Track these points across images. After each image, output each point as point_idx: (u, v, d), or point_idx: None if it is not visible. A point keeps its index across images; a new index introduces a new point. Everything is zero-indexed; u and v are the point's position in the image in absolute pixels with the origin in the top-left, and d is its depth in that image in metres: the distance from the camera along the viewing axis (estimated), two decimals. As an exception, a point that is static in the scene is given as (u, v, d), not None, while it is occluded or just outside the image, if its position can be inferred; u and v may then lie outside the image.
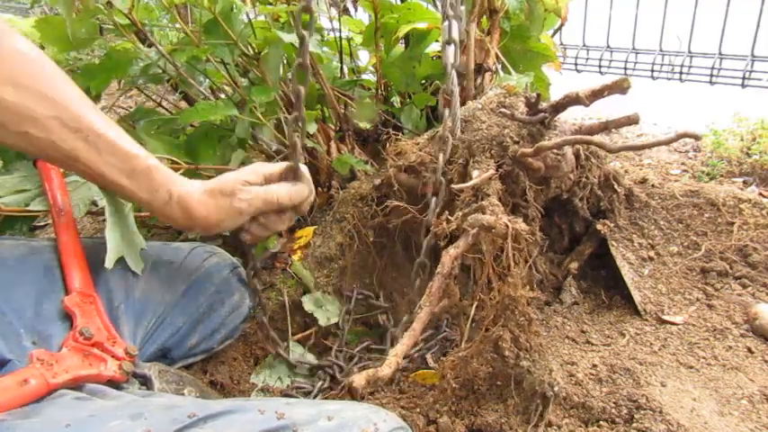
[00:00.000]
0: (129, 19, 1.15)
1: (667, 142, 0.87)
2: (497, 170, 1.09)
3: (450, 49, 1.06)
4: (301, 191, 0.92)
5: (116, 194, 0.87)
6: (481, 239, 0.91)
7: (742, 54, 1.96)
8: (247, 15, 1.28)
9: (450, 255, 0.90)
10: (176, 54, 1.22)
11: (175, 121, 1.31)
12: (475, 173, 1.08)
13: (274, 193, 0.89)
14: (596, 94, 0.97)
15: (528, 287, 0.91)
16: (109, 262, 0.87)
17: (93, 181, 0.80)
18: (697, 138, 0.82)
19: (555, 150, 1.11)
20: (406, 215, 1.19)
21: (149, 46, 1.26)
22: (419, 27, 1.42)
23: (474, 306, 0.96)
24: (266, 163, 0.96)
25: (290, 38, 1.17)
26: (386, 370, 0.79)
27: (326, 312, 1.22)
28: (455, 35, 1.05)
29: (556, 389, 0.95)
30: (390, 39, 1.44)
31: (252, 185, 0.87)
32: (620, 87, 0.92)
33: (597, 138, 0.97)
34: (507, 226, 0.86)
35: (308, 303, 1.22)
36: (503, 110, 1.16)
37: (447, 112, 1.08)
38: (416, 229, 1.21)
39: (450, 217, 0.95)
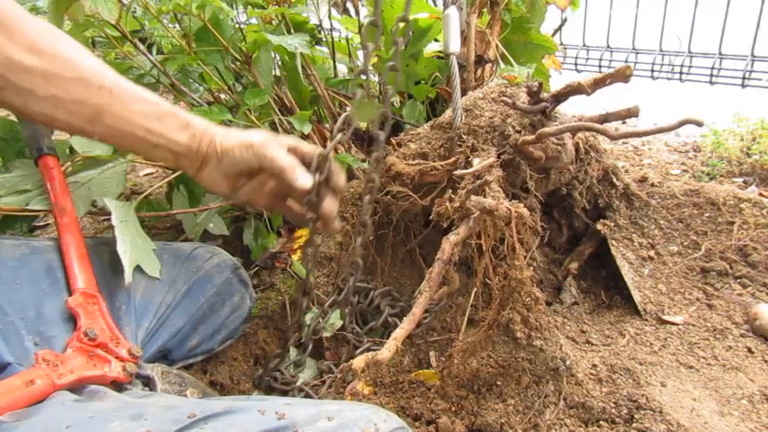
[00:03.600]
0: (117, 30, 1.15)
1: (669, 129, 0.86)
2: (498, 158, 1.09)
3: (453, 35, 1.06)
4: (299, 172, 0.83)
5: (138, 147, 0.83)
6: (483, 224, 0.90)
7: (742, 54, 1.96)
8: (235, 20, 1.29)
9: (450, 241, 0.90)
10: (168, 63, 1.22)
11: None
12: (476, 160, 1.08)
13: (280, 154, 0.83)
14: (598, 83, 0.97)
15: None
16: (127, 276, 0.86)
17: (116, 136, 0.79)
18: (699, 124, 0.81)
19: (555, 140, 1.11)
20: (406, 207, 1.19)
21: (148, 51, 1.26)
22: (419, 18, 1.42)
23: (471, 300, 0.97)
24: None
25: (279, 40, 1.18)
26: (385, 353, 0.78)
27: (330, 326, 1.21)
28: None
29: (567, 362, 0.96)
30: (389, 37, 1.44)
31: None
32: (622, 75, 0.92)
33: (599, 125, 0.97)
34: (509, 210, 0.86)
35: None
36: (504, 99, 1.16)
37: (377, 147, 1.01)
38: (416, 220, 1.22)
39: (453, 195, 0.95)
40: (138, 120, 0.78)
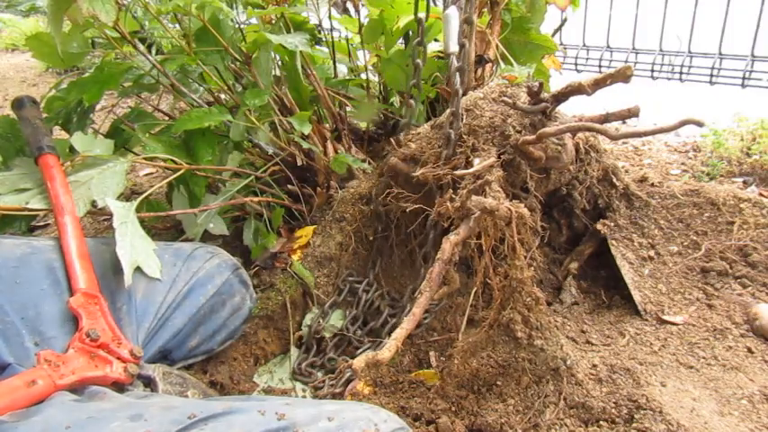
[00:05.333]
0: (117, 31, 1.15)
1: (669, 129, 0.86)
2: (499, 158, 1.09)
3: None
4: None
5: None
6: (483, 224, 0.90)
7: (742, 54, 1.96)
8: (235, 20, 1.28)
9: (450, 241, 0.90)
10: (167, 63, 1.22)
11: (170, 128, 1.31)
12: (476, 160, 1.08)
13: None
14: (599, 83, 0.96)
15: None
16: (127, 278, 0.87)
17: None
18: (700, 124, 0.81)
19: (555, 141, 1.11)
20: (406, 205, 1.18)
21: (148, 51, 1.26)
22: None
23: (471, 300, 0.97)
24: None
25: (279, 39, 1.18)
26: (386, 353, 0.78)
27: (331, 328, 1.21)
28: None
29: (568, 362, 0.95)
30: (390, 35, 1.44)
31: None
32: (622, 75, 0.91)
33: (599, 125, 0.96)
34: (510, 210, 0.86)
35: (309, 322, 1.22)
36: (504, 99, 1.15)
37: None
38: (416, 219, 1.22)
39: (454, 195, 0.95)
40: None
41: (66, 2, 1.02)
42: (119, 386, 0.79)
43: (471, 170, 1.02)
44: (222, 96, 1.45)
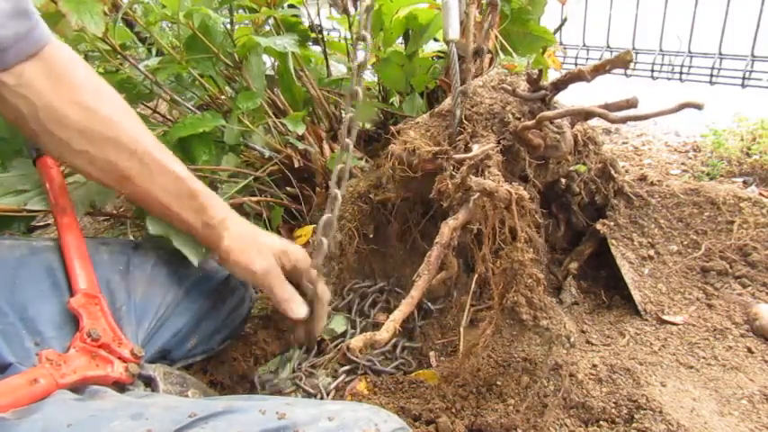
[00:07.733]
0: (106, 43, 1.15)
1: (670, 112, 0.85)
2: (498, 143, 1.09)
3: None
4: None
5: (160, 216, 0.89)
6: (483, 211, 0.90)
7: (742, 54, 1.97)
8: (224, 25, 1.29)
9: (449, 225, 0.90)
10: (159, 72, 1.22)
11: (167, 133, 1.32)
12: (475, 147, 1.08)
13: (293, 252, 0.93)
14: (598, 70, 0.96)
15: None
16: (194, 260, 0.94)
17: (140, 201, 0.84)
18: (699, 107, 0.81)
19: (554, 129, 1.11)
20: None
21: (148, 52, 1.27)
22: (419, 12, 1.41)
23: (470, 298, 0.96)
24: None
25: (268, 41, 1.18)
26: (384, 334, 0.78)
27: (331, 332, 1.21)
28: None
29: (572, 339, 0.95)
30: (389, 33, 1.44)
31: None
32: (622, 61, 0.91)
33: (598, 109, 0.96)
34: (509, 191, 0.86)
35: None
36: (504, 86, 1.15)
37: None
38: (415, 209, 1.21)
39: (454, 173, 0.94)
40: (158, 193, 0.81)
41: (55, 18, 1.02)
42: (120, 386, 0.79)
43: (470, 154, 1.01)
44: (223, 98, 1.45)
